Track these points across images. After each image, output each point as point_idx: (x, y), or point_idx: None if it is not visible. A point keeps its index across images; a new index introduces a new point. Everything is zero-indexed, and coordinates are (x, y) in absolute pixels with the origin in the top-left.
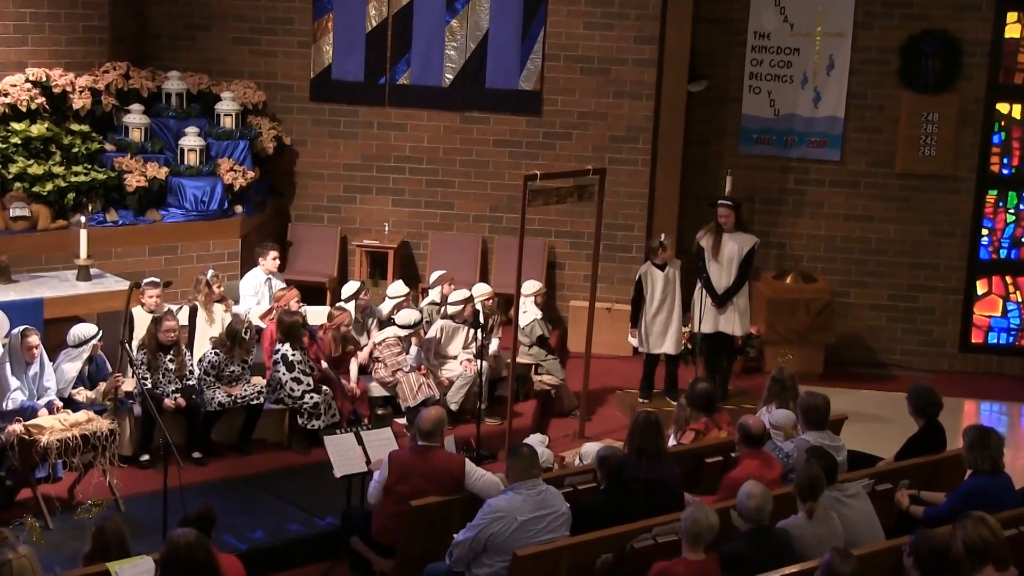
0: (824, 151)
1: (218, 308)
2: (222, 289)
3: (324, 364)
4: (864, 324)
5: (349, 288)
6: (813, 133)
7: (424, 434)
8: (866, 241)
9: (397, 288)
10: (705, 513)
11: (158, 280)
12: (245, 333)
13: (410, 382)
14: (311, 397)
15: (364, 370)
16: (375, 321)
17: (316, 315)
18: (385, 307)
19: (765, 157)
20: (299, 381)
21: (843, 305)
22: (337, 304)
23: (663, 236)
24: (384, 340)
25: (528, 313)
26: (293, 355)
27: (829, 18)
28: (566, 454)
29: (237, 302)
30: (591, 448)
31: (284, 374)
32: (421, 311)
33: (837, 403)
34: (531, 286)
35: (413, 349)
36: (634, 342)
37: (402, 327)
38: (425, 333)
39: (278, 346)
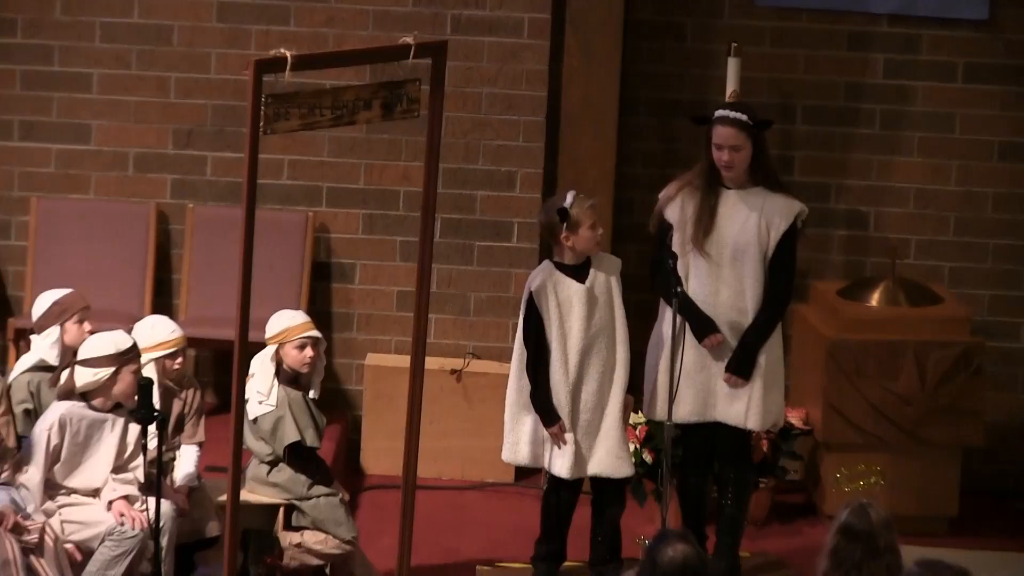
0: (949, 1)
1: None
2: None
3: None
4: None
5: None
6: None
7: None
8: None
9: None
10: None
11: None
12: None
13: None
14: None
15: None
16: None
17: None
18: None
19: (813, 14)
20: None
21: (1003, 355)
22: None
23: (571, 197)
24: None
25: (264, 385)
26: None
27: None
28: None
29: None
30: None
31: None
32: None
33: None
34: (284, 322)
35: None
36: (517, 455)
37: None
38: (20, 432)
39: None
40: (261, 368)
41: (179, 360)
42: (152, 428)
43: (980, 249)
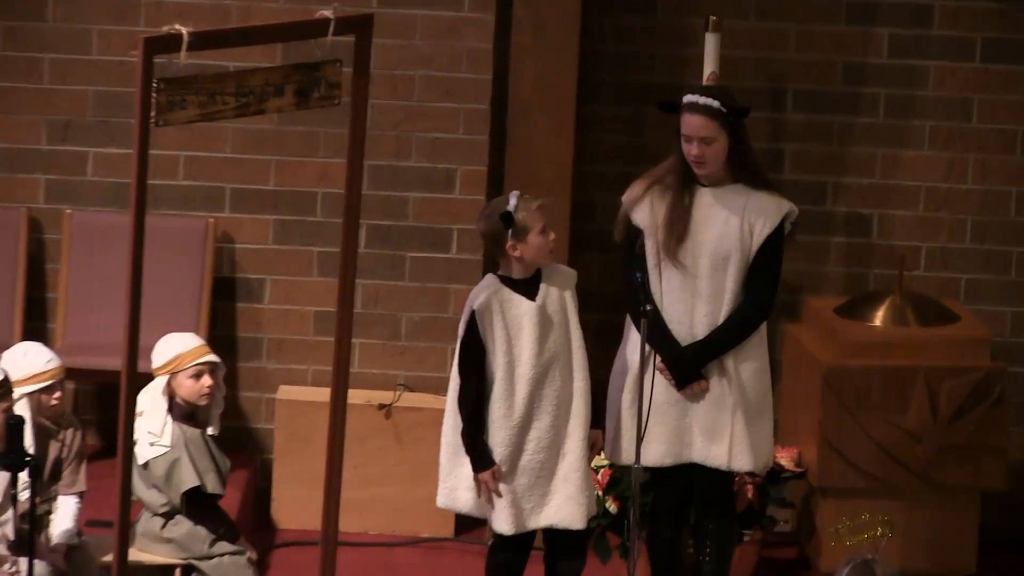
0: None
1: None
2: None
3: None
4: None
5: None
6: None
7: None
8: None
9: None
10: None
11: None
12: None
13: None
14: None
15: None
16: None
17: None
18: None
19: None
20: None
21: None
22: None
23: (515, 199)
24: None
25: (155, 423)
26: None
27: None
28: None
29: None
30: None
31: None
32: None
33: None
34: (174, 347)
35: None
36: (455, 501)
37: None
38: None
39: None
40: (151, 403)
41: (56, 395)
42: (24, 476)
43: (1001, 258)
